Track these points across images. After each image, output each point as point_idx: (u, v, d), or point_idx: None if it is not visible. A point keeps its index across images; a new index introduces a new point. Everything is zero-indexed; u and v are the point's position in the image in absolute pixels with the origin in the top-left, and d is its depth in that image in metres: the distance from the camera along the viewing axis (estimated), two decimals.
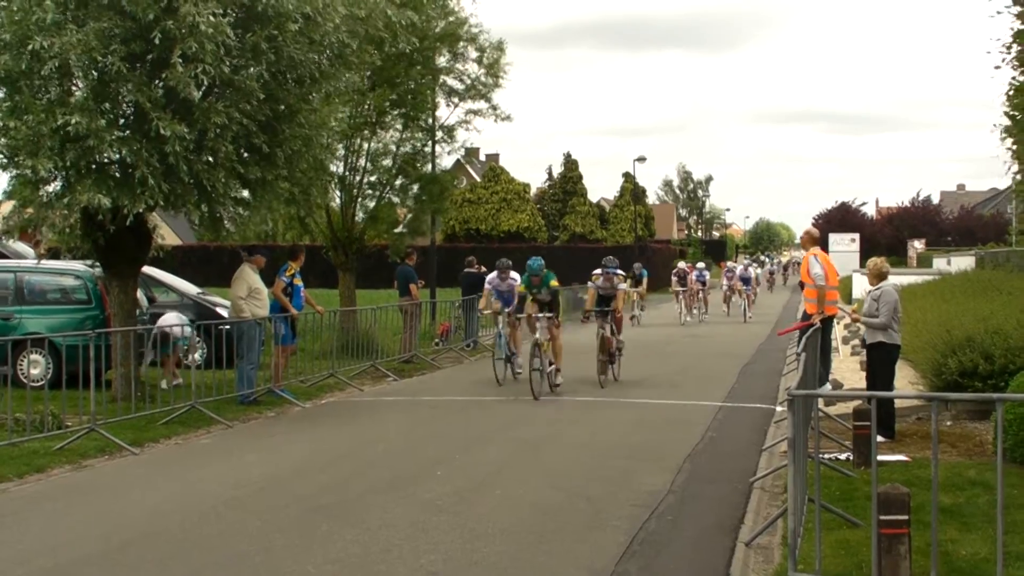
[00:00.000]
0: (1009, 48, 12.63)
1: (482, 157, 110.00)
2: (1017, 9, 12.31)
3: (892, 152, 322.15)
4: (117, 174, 17.61)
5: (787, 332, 17.90)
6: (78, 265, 22.33)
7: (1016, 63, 12.57)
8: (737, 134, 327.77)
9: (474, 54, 32.21)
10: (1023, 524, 10.26)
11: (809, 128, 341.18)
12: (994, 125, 13.49)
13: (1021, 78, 12.57)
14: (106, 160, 17.63)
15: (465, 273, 33.74)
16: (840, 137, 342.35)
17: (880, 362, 15.55)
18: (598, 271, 23.71)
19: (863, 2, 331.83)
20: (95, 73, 17.09)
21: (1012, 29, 12.45)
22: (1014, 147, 13.06)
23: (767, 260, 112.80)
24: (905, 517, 7.88)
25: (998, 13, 12.81)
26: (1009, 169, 13.37)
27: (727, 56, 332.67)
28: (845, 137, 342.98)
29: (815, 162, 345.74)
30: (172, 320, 21.34)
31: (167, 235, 55.18)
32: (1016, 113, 12.82)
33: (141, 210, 17.45)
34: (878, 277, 15.85)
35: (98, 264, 20.30)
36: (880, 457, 12.67)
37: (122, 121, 17.67)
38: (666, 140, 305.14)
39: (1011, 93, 13.02)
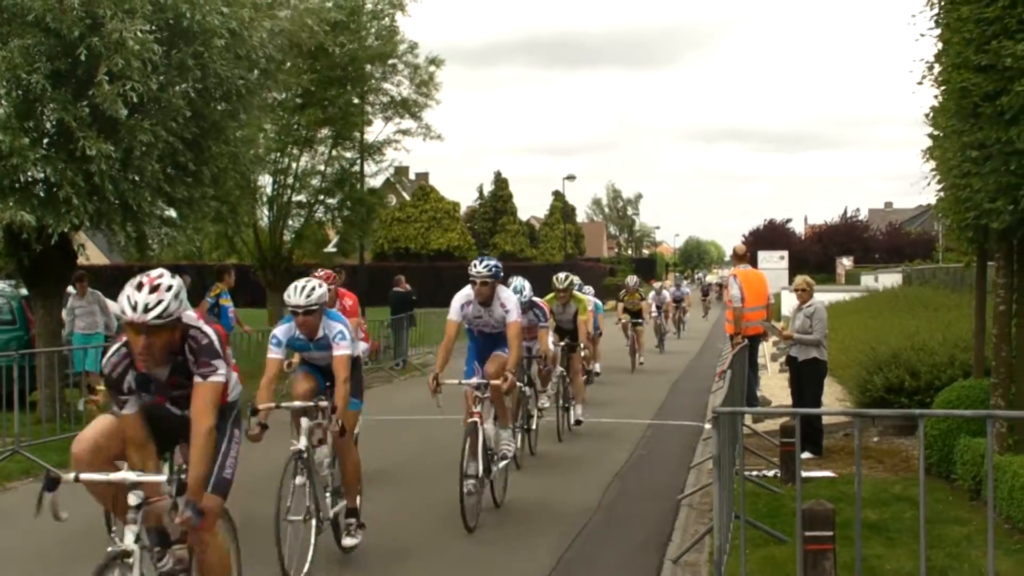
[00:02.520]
0: (931, 68, 12.74)
1: (412, 176, 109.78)
2: (939, 31, 12.43)
3: (822, 170, 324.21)
4: (41, 193, 17.41)
5: (723, 373, 17.94)
6: (1, 285, 22.03)
7: (936, 83, 12.68)
8: (667, 152, 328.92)
9: (406, 70, 32.25)
10: (947, 538, 10.37)
11: (739, 146, 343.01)
12: (921, 151, 13.64)
13: (941, 98, 12.68)
14: (30, 179, 17.43)
15: (394, 292, 33.64)
16: (770, 155, 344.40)
17: (811, 379, 15.64)
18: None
19: (793, 22, 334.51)
20: (19, 91, 16.90)
21: (934, 53, 12.59)
22: (935, 166, 13.17)
23: (699, 278, 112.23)
24: (830, 533, 7.93)
25: (922, 36, 12.92)
26: (929, 183, 13.49)
27: (658, 74, 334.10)
28: (775, 155, 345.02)
29: (745, 180, 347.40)
30: None
31: (94, 254, 54.59)
32: (937, 132, 12.94)
33: (66, 229, 17.27)
34: (810, 294, 15.94)
35: (22, 284, 20.08)
36: (806, 473, 12.77)
37: (46, 140, 17.48)
38: (597, 158, 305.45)
39: (931, 113, 13.15)
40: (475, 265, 12.30)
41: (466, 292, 12.44)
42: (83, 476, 6.70)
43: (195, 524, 6.53)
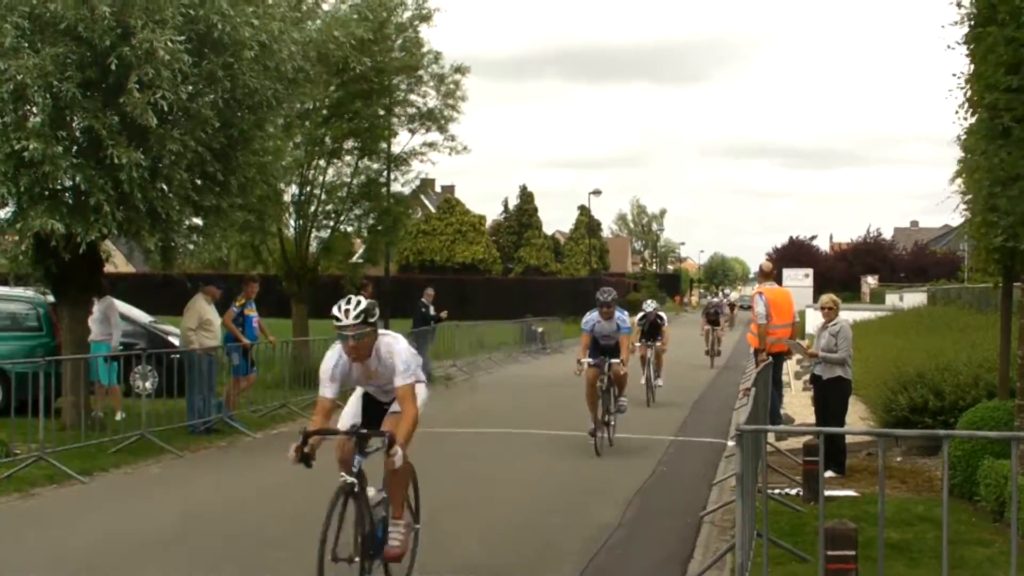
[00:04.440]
0: (965, 92, 12.75)
1: (438, 188, 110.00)
2: (968, 51, 12.45)
3: (848, 188, 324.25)
4: (70, 200, 17.50)
5: (747, 391, 17.87)
6: (29, 292, 22.15)
7: (968, 104, 12.69)
8: (694, 167, 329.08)
9: (432, 81, 32.33)
10: (970, 560, 10.34)
11: (766, 163, 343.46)
12: (952, 174, 13.70)
13: (972, 120, 12.70)
14: (59, 186, 17.53)
15: (422, 303, 33.65)
16: (797, 172, 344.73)
17: (835, 397, 15.61)
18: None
19: (823, 40, 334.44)
20: (50, 98, 16.98)
21: (962, 73, 12.60)
22: (964, 187, 13.20)
23: (725, 294, 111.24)
24: (852, 552, 7.91)
25: (949, 48, 12.95)
26: (958, 205, 13.56)
27: (686, 90, 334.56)
28: (802, 172, 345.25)
29: (771, 197, 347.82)
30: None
31: (120, 262, 54.73)
32: (967, 154, 12.97)
33: (94, 237, 17.33)
34: (836, 313, 15.94)
35: (49, 291, 20.16)
36: (829, 492, 12.74)
37: (75, 147, 17.55)
38: (623, 172, 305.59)
39: (963, 135, 13.17)
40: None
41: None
42: None
43: None
